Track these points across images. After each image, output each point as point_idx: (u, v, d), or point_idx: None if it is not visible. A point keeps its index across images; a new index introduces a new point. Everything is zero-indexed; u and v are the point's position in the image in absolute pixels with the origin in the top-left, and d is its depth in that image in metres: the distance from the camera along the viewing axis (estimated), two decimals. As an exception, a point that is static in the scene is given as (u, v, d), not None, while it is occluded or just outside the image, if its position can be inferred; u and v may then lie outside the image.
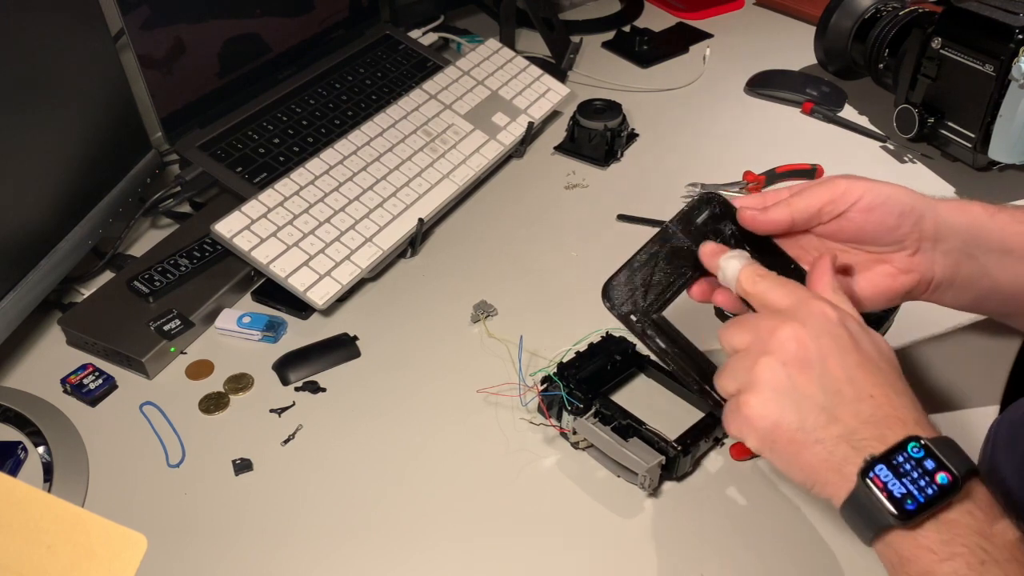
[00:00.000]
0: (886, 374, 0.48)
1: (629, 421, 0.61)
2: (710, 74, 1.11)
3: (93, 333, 0.71)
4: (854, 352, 0.48)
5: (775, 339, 0.48)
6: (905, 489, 0.43)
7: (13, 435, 0.65)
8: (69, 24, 0.72)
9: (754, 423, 0.48)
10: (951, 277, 0.58)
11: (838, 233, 0.57)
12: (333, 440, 0.65)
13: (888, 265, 0.57)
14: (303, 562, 0.57)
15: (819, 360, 0.47)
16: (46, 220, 0.71)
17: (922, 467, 0.44)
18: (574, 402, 0.62)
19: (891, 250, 0.57)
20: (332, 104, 0.93)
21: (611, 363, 0.67)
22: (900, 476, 0.44)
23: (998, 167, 0.89)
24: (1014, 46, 0.80)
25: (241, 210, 0.77)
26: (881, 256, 0.57)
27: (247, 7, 0.89)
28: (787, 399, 0.47)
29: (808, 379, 0.47)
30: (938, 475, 0.43)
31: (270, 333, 0.73)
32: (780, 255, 0.57)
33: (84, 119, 0.75)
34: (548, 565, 0.57)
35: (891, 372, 0.49)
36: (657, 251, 0.57)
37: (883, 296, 0.58)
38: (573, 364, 0.65)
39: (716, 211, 0.57)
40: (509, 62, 1.04)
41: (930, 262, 0.57)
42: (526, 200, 0.91)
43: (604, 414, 0.62)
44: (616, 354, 0.67)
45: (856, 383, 0.47)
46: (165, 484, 0.62)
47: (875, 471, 0.44)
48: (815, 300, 0.50)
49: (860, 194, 0.56)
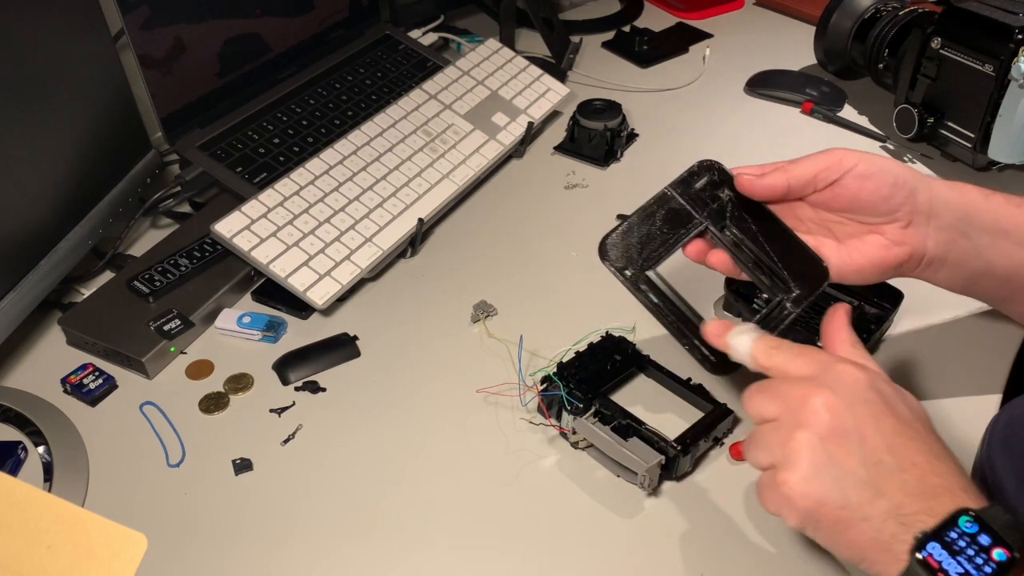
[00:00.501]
0: (924, 437, 0.46)
1: (629, 421, 0.61)
2: (710, 74, 1.11)
3: (93, 333, 0.71)
4: (890, 417, 0.46)
5: (807, 409, 0.46)
6: (962, 569, 0.41)
7: (13, 435, 0.65)
8: (69, 24, 0.72)
9: (796, 503, 0.45)
10: (944, 254, 0.58)
11: (832, 201, 0.58)
12: (333, 440, 0.65)
13: (881, 236, 0.57)
14: (303, 562, 0.57)
15: (856, 430, 0.45)
16: (46, 220, 0.71)
17: (977, 543, 0.42)
18: (574, 402, 0.62)
19: (884, 220, 0.57)
20: (332, 104, 0.93)
21: (611, 363, 0.67)
22: (955, 554, 0.41)
23: (998, 167, 0.89)
24: (1014, 46, 0.80)
25: (241, 210, 0.77)
26: (874, 227, 0.58)
27: (247, 7, 0.89)
28: (828, 476, 0.45)
29: (847, 452, 0.45)
30: (994, 551, 0.41)
31: (270, 333, 0.73)
32: (775, 221, 0.58)
33: (84, 119, 0.75)
34: (548, 565, 0.57)
35: (928, 434, 0.47)
36: (654, 211, 0.59)
37: (875, 267, 0.58)
38: (573, 364, 0.65)
39: (714, 178, 0.60)
40: (509, 62, 1.04)
41: (923, 236, 0.58)
42: (526, 200, 0.91)
43: (604, 414, 0.62)
44: (616, 354, 0.68)
45: (896, 452, 0.45)
46: (165, 484, 0.62)
47: (928, 550, 0.42)
48: (840, 363, 0.48)
49: (855, 162, 0.56)
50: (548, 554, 0.57)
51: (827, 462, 0.45)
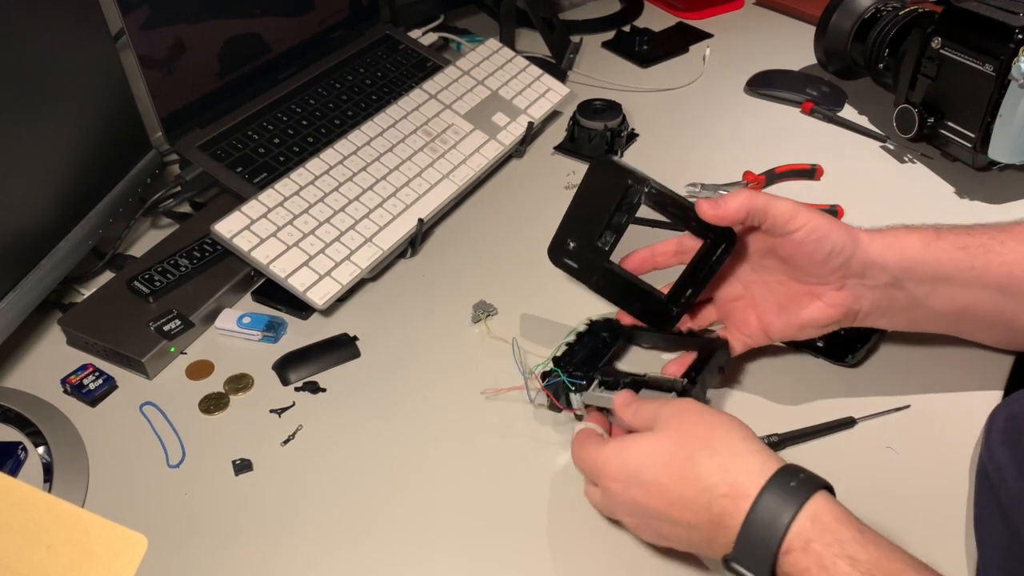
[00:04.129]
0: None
1: (633, 378, 0.62)
2: (710, 74, 1.11)
3: (93, 333, 0.71)
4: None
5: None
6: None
7: (13, 435, 0.65)
8: (69, 24, 0.72)
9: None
10: (881, 307, 0.63)
11: (778, 248, 0.62)
12: (333, 440, 0.65)
13: (819, 300, 0.62)
14: (303, 562, 0.57)
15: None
16: (46, 220, 0.71)
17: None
18: (576, 381, 0.63)
19: (818, 282, 0.62)
20: (332, 104, 0.93)
21: (601, 343, 0.69)
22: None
23: (998, 167, 0.89)
24: (1014, 46, 0.80)
25: (241, 210, 0.77)
26: (810, 289, 0.63)
27: (247, 7, 0.89)
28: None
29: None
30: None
31: (270, 333, 0.73)
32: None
33: (84, 119, 0.75)
34: (547, 565, 0.57)
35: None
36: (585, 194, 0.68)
37: (814, 327, 0.64)
38: (566, 356, 0.66)
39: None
40: (509, 62, 1.04)
41: (856, 296, 0.62)
42: (526, 200, 0.91)
43: (607, 381, 0.63)
44: (603, 332, 0.69)
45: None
46: (165, 484, 0.62)
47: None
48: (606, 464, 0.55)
49: (800, 225, 0.60)
50: (548, 554, 0.57)
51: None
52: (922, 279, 0.61)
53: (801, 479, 0.49)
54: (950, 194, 0.90)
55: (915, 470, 0.62)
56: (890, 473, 0.62)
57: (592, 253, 0.67)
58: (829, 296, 0.62)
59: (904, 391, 0.67)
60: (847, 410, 0.65)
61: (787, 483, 0.48)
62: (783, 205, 0.60)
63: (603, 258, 0.67)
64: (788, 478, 0.49)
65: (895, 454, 0.63)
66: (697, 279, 0.64)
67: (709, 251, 0.63)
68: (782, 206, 0.60)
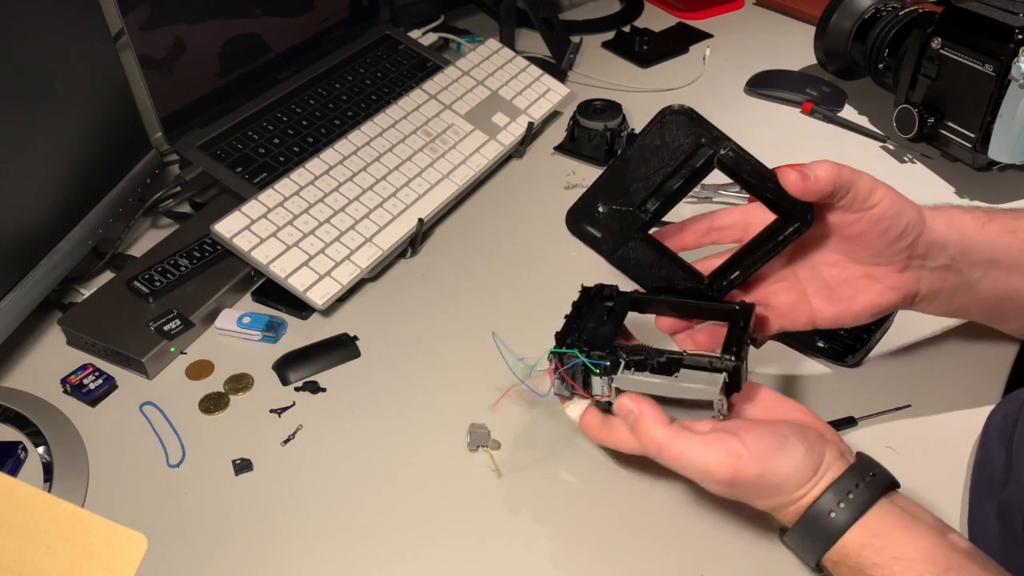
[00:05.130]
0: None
1: (666, 356, 0.54)
2: (710, 74, 1.11)
3: (93, 333, 0.71)
4: None
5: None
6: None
7: (13, 435, 0.65)
8: (69, 24, 0.72)
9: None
10: (936, 290, 0.59)
11: (846, 227, 0.56)
12: (333, 440, 0.65)
13: (877, 282, 0.58)
14: (303, 562, 0.57)
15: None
16: (46, 220, 0.71)
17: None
18: (599, 363, 0.55)
19: (882, 262, 0.58)
20: (332, 104, 0.93)
21: (605, 312, 0.61)
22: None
23: (998, 167, 0.89)
24: (1014, 46, 0.80)
25: (241, 210, 0.77)
26: (869, 271, 0.58)
27: (247, 7, 0.89)
28: None
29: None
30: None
31: (270, 333, 0.73)
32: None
33: (84, 119, 0.75)
34: (547, 565, 0.57)
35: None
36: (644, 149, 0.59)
37: (871, 312, 0.60)
38: (569, 329, 0.59)
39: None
40: (509, 62, 1.04)
41: (916, 278, 0.58)
42: (526, 200, 0.91)
43: (635, 360, 0.55)
44: (604, 300, 0.62)
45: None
46: (165, 484, 0.62)
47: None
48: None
49: (879, 200, 0.55)
50: (548, 554, 0.57)
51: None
52: (976, 262, 0.58)
53: (867, 481, 0.51)
54: (950, 194, 0.90)
55: (915, 470, 0.62)
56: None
57: (625, 221, 0.58)
58: (891, 278, 0.57)
59: (904, 391, 0.67)
60: (847, 410, 0.65)
61: (852, 485, 0.51)
62: (866, 177, 0.54)
63: (637, 229, 0.58)
64: (854, 479, 0.51)
65: (895, 454, 0.63)
66: (753, 260, 0.57)
67: (778, 229, 0.56)
68: (865, 178, 0.54)
